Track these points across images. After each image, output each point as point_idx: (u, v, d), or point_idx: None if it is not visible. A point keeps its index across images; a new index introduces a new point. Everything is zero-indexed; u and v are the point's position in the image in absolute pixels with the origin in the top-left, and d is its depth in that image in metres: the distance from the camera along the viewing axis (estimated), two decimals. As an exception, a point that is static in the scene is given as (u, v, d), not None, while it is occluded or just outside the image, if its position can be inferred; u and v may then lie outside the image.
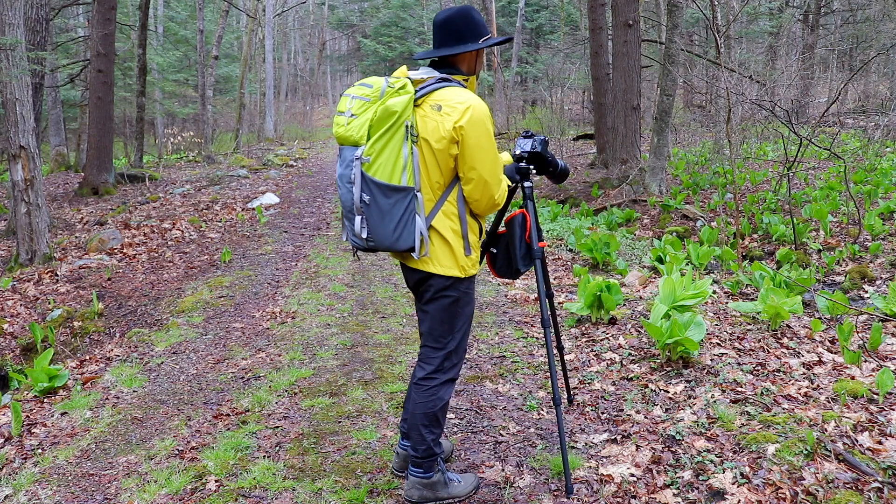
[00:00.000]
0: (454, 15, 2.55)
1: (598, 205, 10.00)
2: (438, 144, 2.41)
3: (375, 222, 2.40)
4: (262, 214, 10.37)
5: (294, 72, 48.20)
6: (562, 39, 23.93)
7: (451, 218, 2.50)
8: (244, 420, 3.60)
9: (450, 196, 2.50)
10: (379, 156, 2.36)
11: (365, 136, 2.37)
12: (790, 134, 8.06)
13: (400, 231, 2.40)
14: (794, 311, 4.45)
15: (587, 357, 4.25)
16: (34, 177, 7.56)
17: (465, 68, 2.59)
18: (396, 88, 2.37)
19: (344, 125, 2.41)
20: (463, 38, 2.53)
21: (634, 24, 10.33)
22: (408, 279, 2.66)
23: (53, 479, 3.14)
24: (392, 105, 2.33)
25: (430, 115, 2.42)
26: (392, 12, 33.95)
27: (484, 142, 2.42)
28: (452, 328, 2.60)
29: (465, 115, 2.38)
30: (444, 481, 2.70)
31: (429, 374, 2.62)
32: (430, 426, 2.61)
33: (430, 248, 2.47)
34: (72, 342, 5.58)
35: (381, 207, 2.38)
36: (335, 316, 5.45)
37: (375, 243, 2.44)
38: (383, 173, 2.37)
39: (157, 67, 21.92)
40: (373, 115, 2.36)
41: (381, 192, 2.37)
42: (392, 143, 2.36)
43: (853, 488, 2.56)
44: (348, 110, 2.41)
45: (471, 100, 2.42)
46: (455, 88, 2.47)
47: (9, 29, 7.30)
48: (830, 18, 22.38)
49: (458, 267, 2.52)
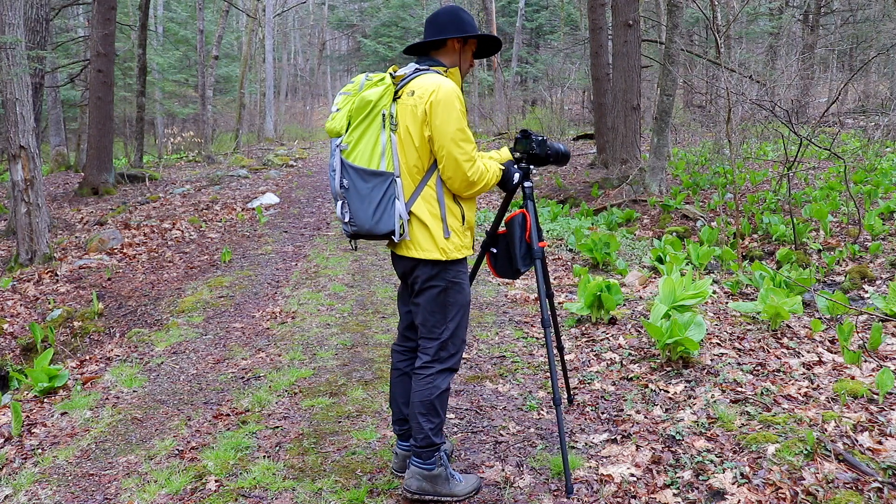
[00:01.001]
0: (441, 11, 2.66)
1: (598, 205, 9.99)
2: (415, 127, 2.51)
3: (356, 206, 2.51)
4: (262, 214, 10.37)
5: (294, 72, 48.20)
6: (562, 39, 23.94)
7: (429, 202, 2.56)
8: (244, 420, 3.60)
9: (429, 181, 2.56)
10: (357, 143, 2.51)
11: (344, 127, 2.52)
12: (790, 134, 8.05)
13: (379, 215, 2.49)
14: (794, 311, 4.45)
15: (587, 357, 4.25)
16: (34, 177, 7.56)
17: (448, 62, 2.66)
18: (374, 81, 2.53)
19: (331, 119, 2.57)
20: (445, 30, 2.62)
21: (634, 24, 10.33)
22: (397, 269, 2.73)
23: (53, 479, 3.14)
24: (367, 95, 2.48)
25: (407, 103, 2.53)
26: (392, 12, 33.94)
27: (450, 118, 2.47)
28: (445, 318, 2.62)
29: (433, 95, 2.48)
30: (445, 476, 2.70)
31: (425, 364, 2.65)
32: (428, 414, 2.62)
33: (410, 231, 2.55)
34: (72, 342, 5.58)
35: (360, 191, 2.49)
36: (335, 316, 5.45)
37: (357, 227, 2.53)
38: (362, 159, 2.50)
39: (157, 67, 21.92)
40: (351, 105, 2.52)
41: (360, 177, 2.49)
42: (370, 131, 2.50)
43: (853, 488, 2.56)
44: (334, 106, 2.58)
45: (440, 81, 2.50)
46: (430, 75, 2.56)
47: (9, 29, 7.30)
48: (830, 18, 22.38)
49: (439, 249, 2.55)
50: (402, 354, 2.86)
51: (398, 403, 2.84)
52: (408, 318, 2.81)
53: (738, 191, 10.28)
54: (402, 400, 2.82)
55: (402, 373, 2.84)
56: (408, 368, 2.82)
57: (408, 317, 2.81)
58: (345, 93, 2.58)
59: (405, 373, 2.83)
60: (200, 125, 21.10)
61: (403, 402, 2.82)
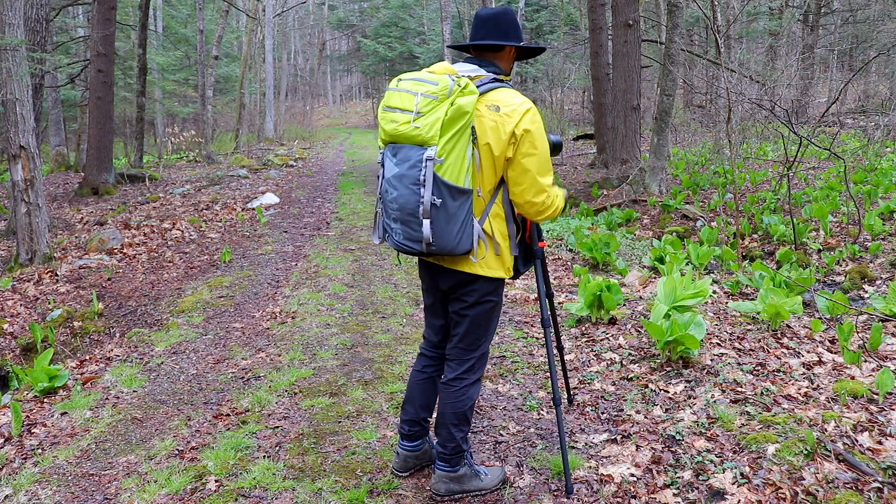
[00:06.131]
0: (501, 11, 2.55)
1: (598, 205, 10.00)
2: (497, 146, 2.38)
3: (441, 226, 2.31)
4: (262, 214, 10.37)
5: (294, 72, 48.20)
6: (562, 39, 23.91)
7: (499, 220, 2.51)
8: (244, 420, 3.60)
9: (497, 198, 2.49)
10: (449, 156, 2.28)
11: (437, 136, 2.26)
12: (790, 134, 8.05)
13: (461, 234, 2.34)
14: (794, 311, 4.45)
15: (587, 357, 4.25)
16: (34, 177, 7.56)
17: (505, 67, 2.58)
18: (463, 87, 2.30)
19: (407, 122, 2.29)
20: (508, 35, 2.53)
21: (634, 24, 10.32)
22: (440, 282, 2.61)
23: (53, 479, 3.14)
24: (464, 104, 2.26)
25: (487, 116, 2.37)
26: (392, 12, 33.94)
27: (541, 150, 2.40)
28: (488, 330, 2.64)
29: (525, 118, 2.37)
30: (470, 474, 2.74)
31: (459, 375, 2.64)
32: (460, 424, 2.64)
33: (480, 250, 2.46)
34: (72, 342, 5.58)
35: (449, 210, 2.31)
36: (335, 316, 5.45)
37: (437, 248, 2.35)
38: (451, 175, 2.29)
39: (158, 67, 21.91)
40: (444, 113, 2.26)
41: (451, 195, 2.30)
42: (460, 144, 2.30)
43: (853, 488, 2.56)
44: (414, 108, 2.28)
45: (527, 102, 2.42)
46: (509, 90, 2.47)
47: (9, 29, 7.30)
48: (830, 18, 22.38)
49: (505, 269, 2.54)
50: (433, 360, 2.83)
51: (416, 406, 2.82)
52: (442, 331, 2.77)
53: (738, 191, 10.28)
54: (421, 403, 2.81)
55: (427, 377, 2.82)
56: (434, 374, 2.81)
57: (442, 329, 2.77)
58: (426, 94, 2.28)
59: (431, 377, 2.81)
60: (200, 125, 21.09)
61: (422, 405, 2.81)
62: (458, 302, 2.59)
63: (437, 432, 2.70)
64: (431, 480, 2.76)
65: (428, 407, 2.83)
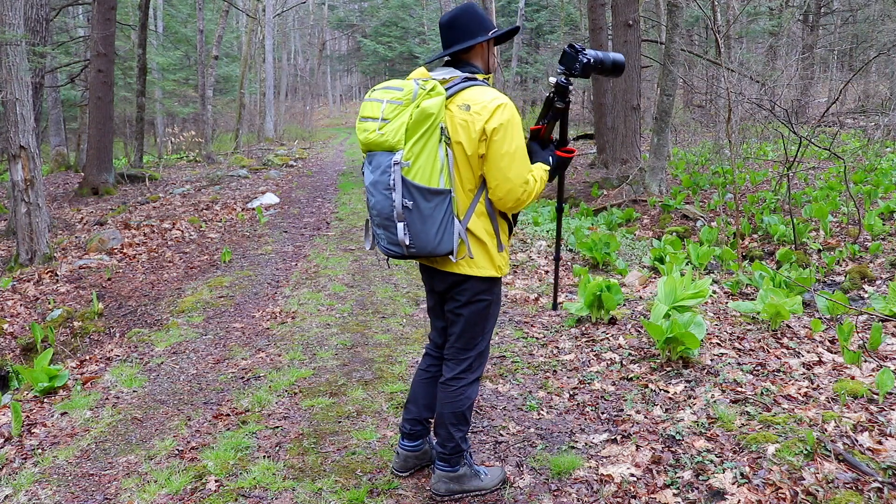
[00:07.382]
0: (458, 13, 2.52)
1: (598, 205, 10.00)
2: (469, 145, 2.39)
3: (417, 228, 2.35)
4: (262, 214, 10.37)
5: (294, 72, 48.20)
6: (562, 39, 23.92)
7: (483, 218, 2.50)
8: (244, 420, 3.60)
9: (481, 197, 2.49)
10: (417, 159, 2.32)
11: (402, 140, 2.30)
12: (790, 134, 8.06)
13: (441, 235, 2.36)
14: (794, 311, 4.45)
15: (587, 357, 4.25)
16: (34, 177, 7.56)
17: (482, 65, 2.57)
18: (428, 90, 2.33)
19: (375, 130, 2.34)
20: (472, 32, 2.51)
21: (634, 24, 10.33)
22: (435, 284, 2.63)
23: (53, 479, 3.14)
24: (428, 107, 2.29)
25: (458, 116, 2.40)
26: (392, 12, 33.95)
27: (514, 142, 2.39)
28: (484, 329, 2.64)
29: (494, 115, 2.36)
30: (470, 474, 2.75)
31: (457, 375, 2.65)
32: (458, 424, 2.65)
33: (472, 249, 2.47)
34: (72, 342, 5.57)
35: (423, 212, 2.34)
36: (335, 316, 5.45)
37: (417, 250, 2.38)
38: (423, 177, 2.32)
39: (158, 67, 21.92)
40: (408, 118, 2.30)
41: (422, 196, 2.33)
42: (429, 146, 2.32)
43: (853, 488, 2.56)
44: (380, 115, 2.34)
45: (500, 98, 2.40)
46: (482, 87, 2.46)
47: (9, 29, 7.30)
48: (830, 18, 22.39)
49: (495, 267, 2.54)
50: (437, 360, 2.84)
51: (419, 405, 2.83)
52: (444, 332, 2.78)
53: (738, 191, 10.27)
54: (425, 402, 2.82)
55: (431, 376, 2.83)
56: (438, 373, 2.81)
57: (444, 330, 2.78)
58: (391, 101, 2.33)
59: (434, 377, 2.82)
60: (200, 125, 21.09)
61: (425, 405, 2.82)
62: (452, 301, 2.61)
63: (437, 432, 2.71)
64: (431, 480, 2.77)
65: (431, 407, 2.83)
